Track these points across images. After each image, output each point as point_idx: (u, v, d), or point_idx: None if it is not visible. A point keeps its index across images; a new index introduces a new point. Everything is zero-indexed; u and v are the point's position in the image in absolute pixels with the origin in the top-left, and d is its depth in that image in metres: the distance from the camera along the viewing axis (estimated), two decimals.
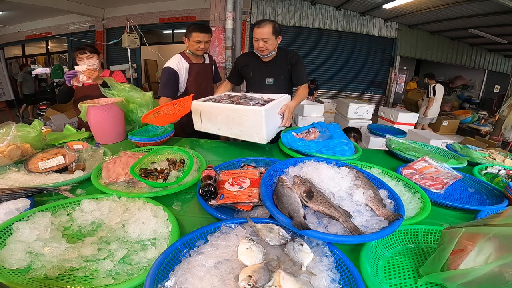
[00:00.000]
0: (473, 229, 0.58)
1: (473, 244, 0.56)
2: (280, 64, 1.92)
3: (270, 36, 1.72)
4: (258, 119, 1.35)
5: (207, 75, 2.14)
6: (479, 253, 0.54)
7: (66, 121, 3.94)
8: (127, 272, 0.64)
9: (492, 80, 9.25)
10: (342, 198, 0.85)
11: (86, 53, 1.93)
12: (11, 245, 0.66)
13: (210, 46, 4.98)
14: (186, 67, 2.00)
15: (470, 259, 0.55)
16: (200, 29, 1.90)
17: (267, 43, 1.74)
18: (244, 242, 0.64)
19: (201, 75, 2.06)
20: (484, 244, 0.54)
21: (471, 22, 6.35)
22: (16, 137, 1.23)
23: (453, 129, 5.65)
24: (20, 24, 8.17)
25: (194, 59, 2.04)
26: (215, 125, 1.53)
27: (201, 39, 1.90)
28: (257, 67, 1.95)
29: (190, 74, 2.01)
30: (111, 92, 1.69)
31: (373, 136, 3.65)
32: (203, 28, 1.92)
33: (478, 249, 0.54)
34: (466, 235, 0.58)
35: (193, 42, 1.93)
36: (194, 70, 2.02)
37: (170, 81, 1.94)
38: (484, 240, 0.54)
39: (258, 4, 7.29)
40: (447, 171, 1.27)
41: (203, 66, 2.10)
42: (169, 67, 1.95)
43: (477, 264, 0.54)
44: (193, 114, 1.60)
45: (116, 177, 1.05)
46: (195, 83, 2.03)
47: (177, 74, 1.97)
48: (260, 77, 1.96)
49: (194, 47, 1.94)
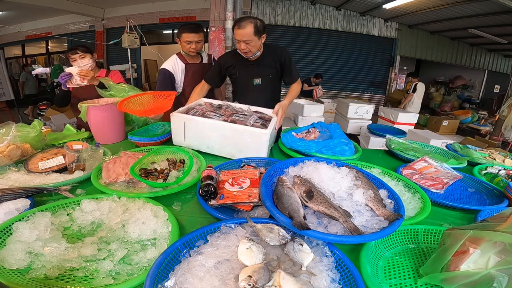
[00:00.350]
0: (479, 233, 0.57)
1: (476, 247, 0.55)
2: (268, 63, 1.83)
3: (252, 37, 1.60)
4: (261, 141, 1.30)
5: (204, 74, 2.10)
6: (481, 256, 0.54)
7: (66, 121, 3.94)
8: (127, 272, 0.64)
9: (492, 80, 9.24)
10: (342, 198, 0.85)
11: (78, 53, 1.88)
12: (11, 245, 0.66)
13: (210, 46, 5.00)
14: (182, 68, 2.00)
15: (471, 261, 0.55)
16: (190, 29, 1.88)
17: (249, 45, 1.63)
18: (244, 242, 0.64)
19: (198, 75, 2.02)
20: (488, 248, 0.53)
21: (471, 22, 6.35)
22: (16, 137, 1.23)
23: (453, 129, 5.64)
24: (20, 24, 8.18)
25: (190, 59, 2.03)
26: (204, 143, 1.39)
27: (191, 39, 1.89)
28: (243, 67, 1.84)
29: (187, 75, 2.01)
30: (108, 93, 1.68)
31: (373, 136, 3.66)
32: (193, 28, 1.89)
33: (481, 252, 0.54)
34: (469, 238, 0.58)
35: (183, 42, 1.91)
36: (191, 70, 2.02)
37: (165, 81, 1.95)
38: (489, 244, 0.53)
39: (258, 4, 7.28)
40: (447, 171, 1.27)
41: (200, 65, 2.08)
42: (165, 68, 1.96)
43: (478, 266, 0.54)
44: (173, 127, 1.42)
45: (116, 177, 1.05)
46: (192, 83, 1.98)
47: (173, 76, 1.97)
48: (247, 78, 1.87)
49: (186, 47, 1.93)
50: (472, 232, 0.58)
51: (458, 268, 0.57)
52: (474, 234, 0.58)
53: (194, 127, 1.38)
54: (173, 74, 1.97)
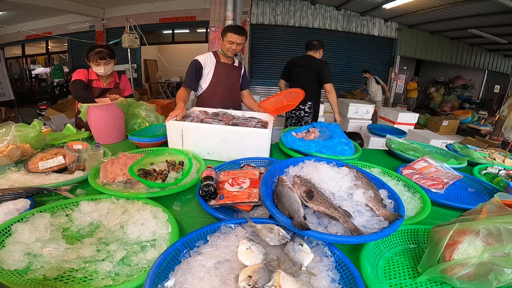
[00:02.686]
0: (463, 225, 0.64)
1: (464, 237, 0.61)
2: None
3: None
4: (263, 141, 1.33)
5: (232, 76, 2.14)
6: (469, 245, 0.60)
7: (66, 121, 3.94)
8: (126, 273, 0.64)
9: (492, 80, 9.23)
10: (342, 198, 0.85)
11: (106, 59, 1.85)
12: (9, 246, 0.66)
13: (210, 46, 5.01)
14: (213, 64, 2.05)
15: (462, 249, 0.60)
16: (235, 31, 1.94)
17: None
18: (244, 242, 0.64)
19: (225, 75, 2.09)
20: (473, 236, 0.60)
21: (471, 22, 6.35)
22: (16, 137, 1.23)
23: (453, 129, 5.64)
24: (20, 24, 8.17)
25: (223, 59, 2.08)
26: (204, 149, 1.38)
27: (234, 40, 1.93)
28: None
29: (216, 71, 2.05)
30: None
31: (373, 136, 3.65)
32: (239, 30, 1.95)
33: (468, 241, 0.60)
34: (456, 231, 0.63)
35: (226, 41, 1.96)
36: (220, 67, 2.06)
37: (191, 72, 1.99)
38: (474, 233, 0.60)
39: (258, 4, 7.28)
40: (447, 171, 1.27)
41: (230, 66, 2.12)
42: (196, 59, 2.02)
43: (469, 254, 0.59)
44: (169, 135, 1.40)
45: (114, 177, 1.04)
46: (218, 80, 2.05)
47: (201, 67, 2.02)
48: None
49: (227, 47, 1.98)
50: (458, 224, 0.64)
51: (452, 258, 0.60)
52: (460, 226, 0.64)
53: (192, 134, 1.37)
54: (202, 66, 2.01)
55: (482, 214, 0.67)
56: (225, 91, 2.09)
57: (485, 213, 0.67)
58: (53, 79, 8.47)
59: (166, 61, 6.39)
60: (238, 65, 2.18)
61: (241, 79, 2.20)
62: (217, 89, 2.06)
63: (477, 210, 0.71)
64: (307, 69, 2.80)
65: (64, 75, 8.56)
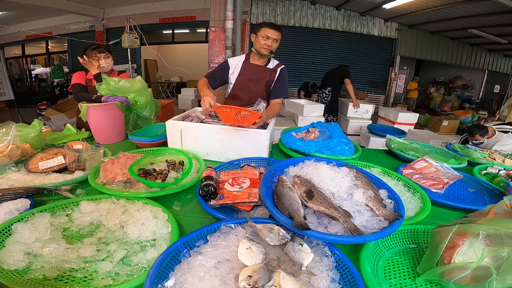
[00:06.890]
0: (463, 227, 0.63)
1: (464, 240, 0.60)
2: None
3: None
4: (262, 141, 1.32)
5: (258, 77, 1.89)
6: (469, 247, 0.59)
7: (66, 121, 3.94)
8: (126, 273, 0.64)
9: (492, 80, 9.24)
10: (342, 198, 0.85)
11: (105, 53, 1.87)
12: (10, 246, 0.66)
13: (210, 46, 5.00)
14: (241, 63, 1.91)
15: (462, 252, 0.60)
16: (271, 26, 1.78)
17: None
18: (244, 242, 0.64)
19: (249, 75, 1.89)
20: (474, 239, 0.60)
21: (471, 22, 6.35)
22: (16, 137, 1.23)
23: (453, 129, 5.64)
24: (20, 24, 8.18)
25: (254, 59, 1.89)
26: (203, 149, 1.38)
27: (270, 35, 1.75)
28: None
29: (242, 71, 1.90)
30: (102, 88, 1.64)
31: (373, 136, 3.66)
32: (274, 25, 1.80)
33: (468, 244, 0.60)
34: (456, 233, 0.63)
35: (260, 37, 1.76)
36: (246, 68, 1.90)
37: (216, 68, 1.94)
38: (474, 236, 0.60)
39: (258, 4, 7.29)
40: (447, 171, 1.27)
41: (259, 68, 1.89)
42: (226, 59, 1.97)
43: (469, 257, 0.59)
44: (169, 136, 1.41)
45: (114, 177, 1.04)
46: (242, 81, 1.90)
47: (228, 66, 1.91)
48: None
49: (261, 43, 1.77)
50: (458, 226, 0.64)
51: (451, 261, 0.60)
52: (459, 228, 0.63)
53: (191, 133, 1.36)
54: (229, 67, 1.92)
55: (489, 216, 0.66)
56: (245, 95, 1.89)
57: (491, 215, 0.66)
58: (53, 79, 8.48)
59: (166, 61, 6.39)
60: (274, 68, 1.90)
61: (273, 83, 1.89)
62: (238, 92, 1.90)
63: (485, 211, 0.70)
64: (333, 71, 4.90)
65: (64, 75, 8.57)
